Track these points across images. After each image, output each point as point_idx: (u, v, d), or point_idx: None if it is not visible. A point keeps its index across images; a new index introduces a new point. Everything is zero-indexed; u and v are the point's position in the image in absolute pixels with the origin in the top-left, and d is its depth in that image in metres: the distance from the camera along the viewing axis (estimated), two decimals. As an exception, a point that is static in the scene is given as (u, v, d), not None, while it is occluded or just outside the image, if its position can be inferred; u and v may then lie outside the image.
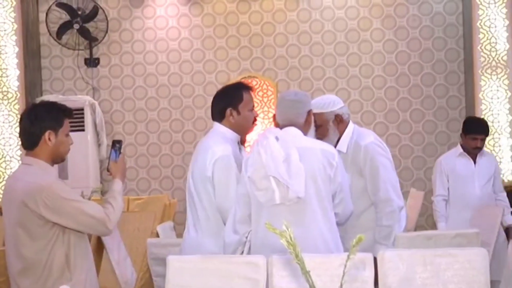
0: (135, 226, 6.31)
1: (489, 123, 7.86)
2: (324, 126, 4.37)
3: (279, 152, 3.75)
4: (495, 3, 8.18)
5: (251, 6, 9.19)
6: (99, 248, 5.66)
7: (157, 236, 5.94)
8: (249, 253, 3.89)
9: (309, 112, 4.01)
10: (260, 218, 3.80)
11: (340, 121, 4.41)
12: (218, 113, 4.21)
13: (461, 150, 6.42)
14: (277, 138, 3.82)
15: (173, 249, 4.89)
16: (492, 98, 8.17)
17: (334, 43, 9.12)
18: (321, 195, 3.79)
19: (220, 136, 4.12)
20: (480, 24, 8.20)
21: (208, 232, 4.01)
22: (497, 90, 8.17)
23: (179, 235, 8.68)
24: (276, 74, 9.16)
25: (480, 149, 6.36)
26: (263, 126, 9.13)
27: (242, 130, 4.21)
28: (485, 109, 8.15)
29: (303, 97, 4.03)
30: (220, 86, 9.07)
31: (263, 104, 9.14)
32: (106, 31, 9.09)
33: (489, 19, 8.18)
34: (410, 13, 9.05)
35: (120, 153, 3.81)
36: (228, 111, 4.16)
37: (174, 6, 9.22)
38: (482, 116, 8.10)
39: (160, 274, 4.89)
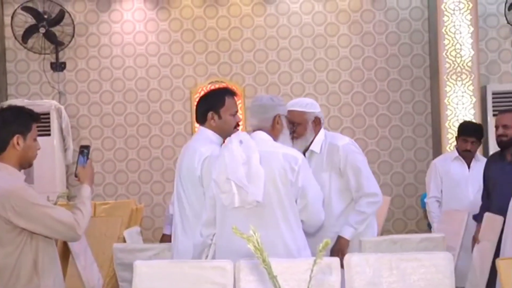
0: (102, 231, 6.27)
1: (454, 129, 7.95)
2: (303, 125, 4.50)
3: (240, 155, 3.75)
4: (460, 10, 8.28)
5: (219, 11, 9.19)
6: (65, 253, 5.61)
7: (124, 241, 5.91)
8: (214, 256, 3.90)
9: (276, 117, 3.99)
10: (225, 221, 3.83)
11: (318, 124, 4.58)
12: (200, 116, 4.29)
13: (457, 154, 6.44)
14: (241, 142, 3.82)
15: (140, 254, 4.87)
16: (457, 104, 8.25)
17: (301, 49, 9.15)
18: (282, 199, 3.77)
19: (204, 138, 4.19)
20: (445, 30, 8.29)
21: (197, 230, 4.03)
22: (462, 96, 8.25)
23: (146, 240, 8.67)
24: (243, 79, 9.17)
25: (470, 152, 6.36)
26: (230, 131, 9.12)
27: (223, 134, 4.26)
28: (451, 114, 8.23)
29: (268, 101, 4.01)
30: (187, 91, 9.14)
31: (231, 109, 9.12)
32: (73, 35, 9.03)
33: (454, 26, 8.27)
34: (377, 19, 9.12)
35: (88, 158, 3.79)
36: (209, 114, 4.23)
37: (141, 10, 9.19)
38: (447, 122, 8.19)
39: (127, 279, 4.87)
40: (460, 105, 8.24)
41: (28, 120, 3.58)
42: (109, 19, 9.20)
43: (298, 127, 4.49)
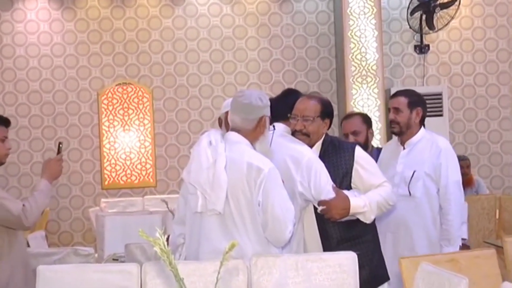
0: (5, 236, 6.12)
1: (360, 131, 8.12)
2: None
3: (206, 158, 3.56)
4: (364, 14, 8.46)
5: (126, 12, 9.11)
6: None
7: (28, 245, 5.77)
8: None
9: (262, 118, 3.65)
10: (193, 223, 3.65)
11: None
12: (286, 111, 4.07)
13: None
14: (210, 143, 3.61)
15: (44, 259, 4.78)
16: (363, 107, 8.42)
17: (209, 51, 9.17)
18: (241, 210, 3.52)
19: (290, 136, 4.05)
20: (351, 34, 8.45)
21: None
22: (368, 98, 8.43)
23: (52, 244, 8.49)
24: (151, 81, 9.11)
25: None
26: (138, 133, 9.06)
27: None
28: (356, 117, 8.38)
29: (257, 102, 3.64)
30: (94, 93, 9.01)
31: (139, 111, 9.06)
32: (-26, 35, 8.79)
33: (359, 30, 8.44)
34: (284, 22, 9.22)
35: (59, 152, 4.08)
36: None
37: (46, 10, 9.01)
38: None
39: (31, 285, 4.76)
40: (366, 107, 8.41)
41: None
42: (11, 18, 8.98)
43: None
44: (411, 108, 4.68)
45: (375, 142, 8.21)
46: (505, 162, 9.34)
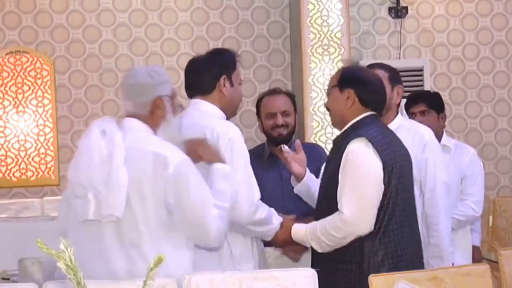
0: None
1: (320, 115, 8.16)
2: None
3: (99, 152, 3.55)
4: (327, -34, 8.49)
5: (19, -41, 9.03)
6: None
7: None
8: None
9: (156, 100, 3.70)
10: (79, 234, 3.58)
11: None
12: (207, 82, 4.22)
13: None
14: (103, 133, 3.61)
15: None
16: (324, 84, 8.43)
17: (128, 11, 9.12)
18: (149, 214, 3.54)
19: (211, 114, 4.22)
20: (309, -8, 8.48)
21: None
22: (330, 74, 8.42)
23: None
24: (53, 49, 9.03)
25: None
26: (36, 116, 8.97)
27: (231, 109, 4.42)
28: (316, 97, 8.39)
29: (145, 79, 3.70)
30: (-22, 64, 8.91)
31: (36, 88, 8.97)
32: None
33: (319, -14, 8.47)
34: (223, -24, 9.22)
35: None
36: (222, 80, 4.21)
37: None
38: (312, 107, 8.37)
39: None
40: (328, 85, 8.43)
41: None
42: None
43: None
44: (393, 85, 4.56)
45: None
46: (500, 155, 9.50)
